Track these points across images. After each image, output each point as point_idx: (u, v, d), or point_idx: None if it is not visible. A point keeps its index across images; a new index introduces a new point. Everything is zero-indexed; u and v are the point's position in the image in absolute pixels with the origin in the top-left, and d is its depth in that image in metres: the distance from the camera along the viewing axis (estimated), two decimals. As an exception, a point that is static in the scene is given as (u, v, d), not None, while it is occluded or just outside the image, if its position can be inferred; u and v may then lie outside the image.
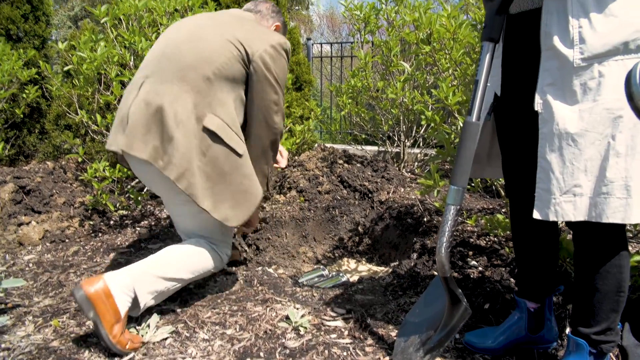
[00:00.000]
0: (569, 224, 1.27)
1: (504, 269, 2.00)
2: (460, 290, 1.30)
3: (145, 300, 1.57)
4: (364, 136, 4.57)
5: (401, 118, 3.82)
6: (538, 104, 1.20)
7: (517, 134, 1.36)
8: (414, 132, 4.12)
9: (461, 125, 2.22)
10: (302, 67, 4.19)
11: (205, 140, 1.58)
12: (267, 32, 1.79)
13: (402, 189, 3.34)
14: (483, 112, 1.40)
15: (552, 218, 1.18)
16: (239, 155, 1.66)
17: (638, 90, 0.67)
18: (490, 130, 1.46)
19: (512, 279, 1.91)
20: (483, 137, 1.43)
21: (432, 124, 2.14)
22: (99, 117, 2.84)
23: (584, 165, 1.13)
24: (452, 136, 2.00)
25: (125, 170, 2.66)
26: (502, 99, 1.38)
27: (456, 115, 2.10)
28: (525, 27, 1.26)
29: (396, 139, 4.18)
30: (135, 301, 1.54)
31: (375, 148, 4.57)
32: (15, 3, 4.17)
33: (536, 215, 1.21)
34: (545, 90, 1.18)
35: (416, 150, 4.26)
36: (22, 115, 3.90)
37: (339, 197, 3.17)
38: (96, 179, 2.71)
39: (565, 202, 1.16)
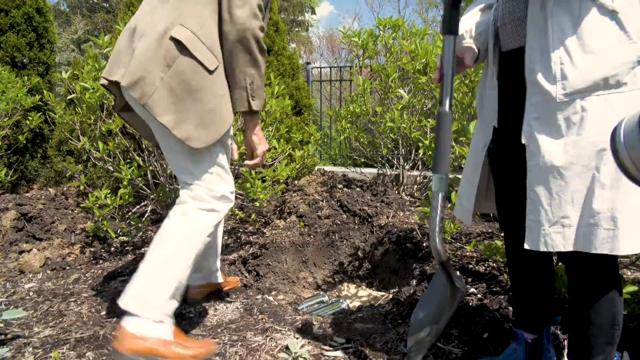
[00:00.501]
0: (561, 257, 1.29)
1: (502, 296, 2.00)
2: (457, 273, 1.33)
3: (173, 307, 1.53)
4: (363, 160, 4.61)
5: (400, 142, 3.86)
6: (525, 138, 1.24)
7: (510, 166, 1.38)
8: (412, 155, 4.16)
9: (458, 151, 2.26)
10: (302, 91, 4.25)
11: (171, 51, 1.47)
12: None
13: (402, 213, 3.36)
14: (483, 137, 1.43)
15: (542, 248, 1.21)
16: (210, 72, 1.52)
17: (622, 148, 0.69)
18: (487, 167, 1.48)
19: (511, 308, 1.91)
20: (481, 173, 1.46)
21: (430, 152, 2.17)
22: (101, 145, 2.88)
23: (570, 197, 1.16)
24: (450, 161, 2.03)
25: (127, 197, 2.68)
26: (498, 133, 1.41)
27: (453, 142, 2.13)
28: (514, 64, 1.30)
29: (395, 162, 4.22)
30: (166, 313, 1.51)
31: (374, 170, 4.60)
32: (21, 31, 4.26)
33: (527, 245, 1.24)
34: (531, 124, 1.22)
35: (415, 173, 4.29)
36: (25, 142, 3.95)
37: (338, 222, 3.18)
38: (97, 206, 2.73)
39: (554, 233, 1.19)
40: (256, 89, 1.58)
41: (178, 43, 1.46)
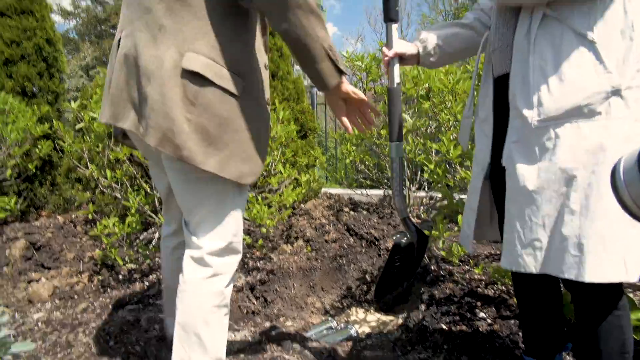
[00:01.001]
0: (565, 284, 1.29)
1: (513, 321, 1.98)
2: (416, 226, 1.56)
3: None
4: (368, 182, 4.62)
5: (405, 163, 3.86)
6: (504, 160, 1.29)
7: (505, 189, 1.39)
8: (418, 176, 4.16)
9: (462, 175, 2.27)
10: (307, 115, 4.29)
11: (189, 87, 1.24)
12: None
13: (409, 235, 3.35)
14: (480, 162, 1.44)
15: (515, 268, 1.25)
16: (236, 96, 1.30)
17: (622, 185, 0.70)
18: (489, 191, 1.49)
19: (521, 333, 1.89)
20: (484, 199, 1.47)
21: (436, 176, 2.18)
22: (108, 172, 2.91)
23: (541, 221, 1.19)
24: (455, 188, 2.03)
25: (135, 225, 2.70)
26: (495, 156, 1.42)
27: (457, 167, 2.14)
28: (502, 89, 1.33)
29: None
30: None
31: (380, 192, 4.59)
32: (32, 62, 4.35)
33: (502, 264, 1.29)
34: (511, 147, 1.27)
35: (421, 194, 4.28)
36: (34, 170, 3.99)
37: (345, 246, 3.18)
38: (105, 234, 2.75)
39: (526, 255, 1.22)
40: (335, 49, 1.30)
41: (195, 75, 1.25)
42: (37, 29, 4.40)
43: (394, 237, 1.54)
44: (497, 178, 1.44)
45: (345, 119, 1.44)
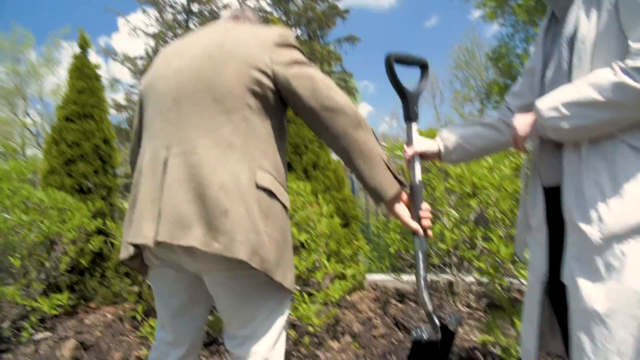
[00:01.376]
0: None
1: None
2: (442, 322, 1.46)
3: None
4: (413, 270, 4.52)
5: (451, 251, 3.77)
6: (565, 277, 1.20)
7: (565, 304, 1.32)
8: (464, 262, 4.03)
9: (514, 271, 2.18)
10: (348, 203, 4.32)
11: (264, 202, 1.30)
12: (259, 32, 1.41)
13: (461, 330, 3.18)
14: (536, 272, 1.38)
15: None
16: (287, 210, 1.41)
17: None
18: (548, 304, 1.42)
19: None
20: (544, 311, 1.39)
21: (486, 275, 2.11)
22: (157, 270, 2.97)
23: (616, 348, 1.08)
24: (508, 290, 1.95)
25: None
26: (551, 267, 1.36)
27: (511, 266, 2.07)
28: (554, 199, 1.29)
29: (448, 270, 4.09)
30: None
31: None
32: (89, 160, 4.65)
33: None
34: (570, 264, 1.19)
35: (470, 279, 4.12)
36: (87, 265, 4.13)
37: (395, 342, 3.05)
38: (152, 335, 2.75)
39: None
40: (391, 162, 1.39)
41: (266, 191, 1.31)
42: (95, 131, 4.75)
43: (413, 332, 1.46)
44: (556, 290, 1.37)
45: (416, 224, 1.44)
